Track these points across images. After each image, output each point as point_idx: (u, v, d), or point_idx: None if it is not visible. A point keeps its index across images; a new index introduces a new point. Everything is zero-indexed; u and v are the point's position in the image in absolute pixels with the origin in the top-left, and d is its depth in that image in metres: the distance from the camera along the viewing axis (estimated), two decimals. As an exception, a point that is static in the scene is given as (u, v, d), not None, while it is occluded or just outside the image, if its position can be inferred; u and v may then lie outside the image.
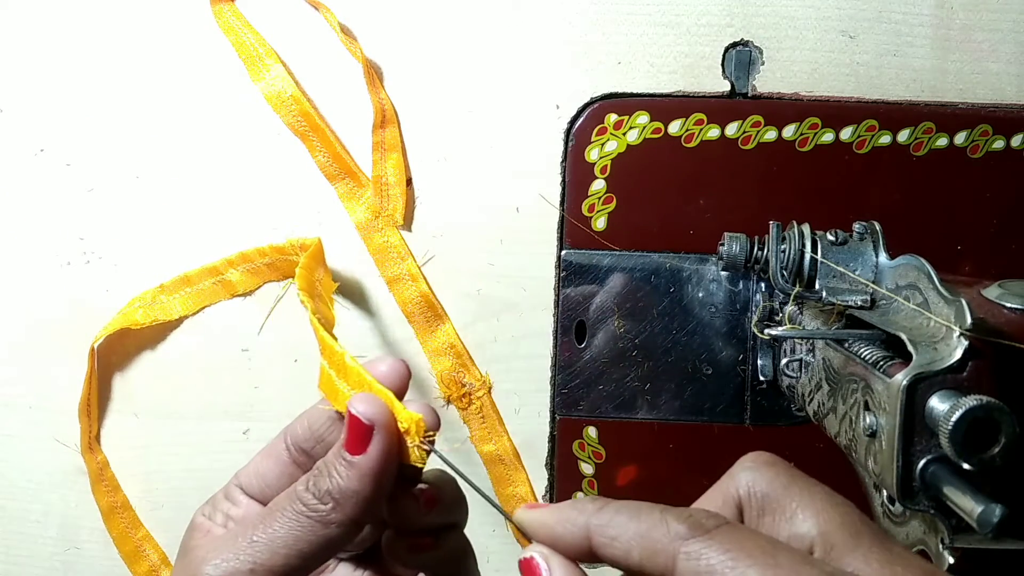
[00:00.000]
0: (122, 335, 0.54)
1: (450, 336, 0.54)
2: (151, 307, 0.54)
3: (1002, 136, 0.52)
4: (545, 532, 0.30)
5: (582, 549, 0.30)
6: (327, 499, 0.33)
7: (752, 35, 0.53)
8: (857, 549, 0.27)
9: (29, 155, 0.55)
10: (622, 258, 0.54)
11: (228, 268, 0.54)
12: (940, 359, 0.33)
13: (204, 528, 0.38)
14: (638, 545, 0.28)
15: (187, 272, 0.54)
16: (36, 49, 0.54)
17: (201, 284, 0.54)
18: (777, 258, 0.46)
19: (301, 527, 0.33)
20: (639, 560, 0.28)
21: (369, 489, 0.33)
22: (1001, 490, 0.31)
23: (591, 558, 0.30)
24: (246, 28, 0.53)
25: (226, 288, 0.54)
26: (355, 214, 0.54)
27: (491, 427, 0.54)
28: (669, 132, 0.53)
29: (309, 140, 0.53)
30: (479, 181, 0.54)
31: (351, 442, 0.33)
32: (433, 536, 0.37)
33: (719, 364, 0.53)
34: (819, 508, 0.28)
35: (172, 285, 0.54)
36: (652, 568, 0.27)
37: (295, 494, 0.34)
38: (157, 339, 0.54)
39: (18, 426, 0.56)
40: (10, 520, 0.56)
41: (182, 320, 0.54)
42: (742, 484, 0.30)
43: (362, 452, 0.33)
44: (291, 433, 0.38)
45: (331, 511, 0.33)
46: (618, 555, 0.28)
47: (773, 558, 0.25)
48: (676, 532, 0.27)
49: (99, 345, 0.54)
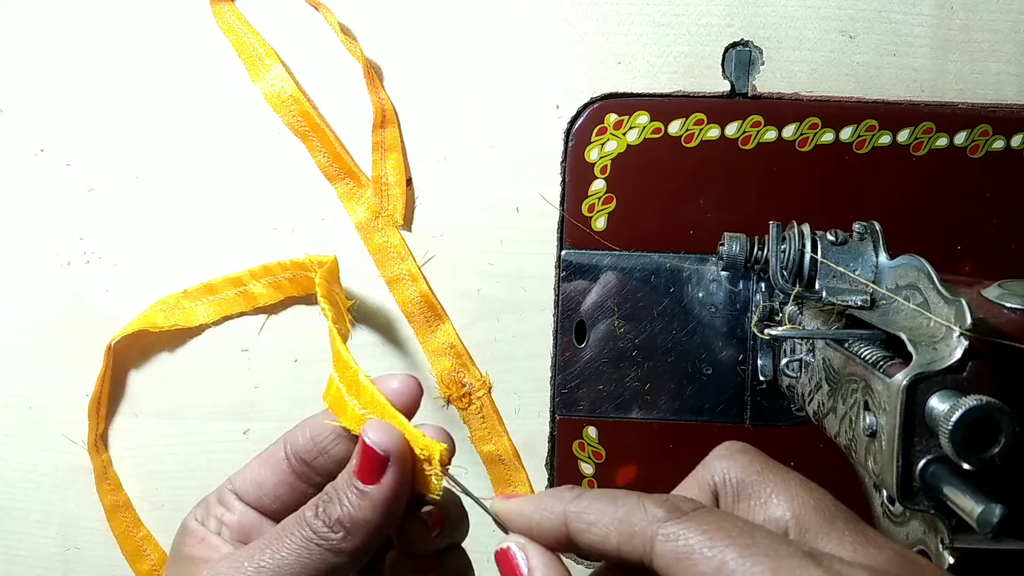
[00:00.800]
0: (123, 336, 0.54)
1: (450, 336, 0.54)
2: (172, 312, 0.54)
3: (1002, 136, 0.52)
4: (523, 521, 0.31)
5: (560, 537, 0.30)
6: (338, 528, 0.32)
7: (752, 35, 0.53)
8: (831, 532, 0.27)
9: (29, 155, 0.55)
10: (622, 258, 0.54)
11: (251, 280, 0.54)
12: (940, 359, 0.33)
13: (198, 535, 0.37)
14: (616, 530, 0.28)
15: (211, 280, 0.54)
16: (36, 49, 0.54)
17: (224, 294, 0.54)
18: (777, 258, 0.46)
19: (310, 554, 0.32)
20: (617, 544, 0.28)
21: (380, 519, 0.32)
22: (1001, 490, 0.31)
23: (568, 546, 0.30)
24: (246, 28, 0.53)
25: (248, 300, 0.54)
26: (355, 214, 0.54)
27: (491, 427, 0.54)
28: (669, 132, 0.53)
29: (309, 140, 0.53)
30: (479, 181, 0.54)
31: (364, 471, 0.32)
32: (438, 556, 0.36)
33: (719, 364, 0.53)
34: (793, 493, 0.29)
35: (195, 292, 0.54)
36: (630, 551, 0.27)
37: (304, 519, 0.33)
38: (157, 339, 0.54)
39: (18, 426, 0.56)
40: (10, 520, 0.56)
41: (202, 328, 0.54)
42: (717, 472, 0.30)
43: (375, 482, 0.32)
44: (291, 442, 0.37)
45: (342, 540, 0.32)
46: (595, 540, 0.28)
47: (751, 538, 0.26)
48: (654, 515, 0.27)
49: (99, 347, 0.54)
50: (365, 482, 0.32)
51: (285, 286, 0.53)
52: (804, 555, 0.25)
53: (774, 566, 0.24)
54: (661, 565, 0.27)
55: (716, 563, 0.25)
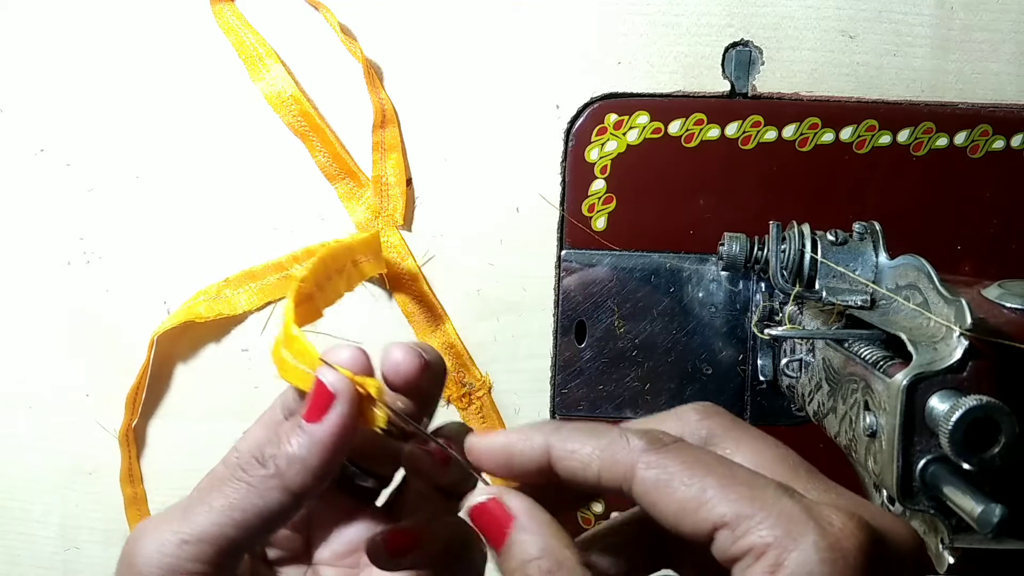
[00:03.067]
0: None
1: (450, 336, 0.54)
2: (215, 301, 0.54)
3: (1002, 136, 0.52)
4: (503, 452, 0.30)
5: (541, 465, 0.29)
6: (270, 464, 0.31)
7: (752, 35, 0.53)
8: (795, 481, 0.28)
9: (29, 155, 0.55)
10: (622, 258, 0.54)
11: (293, 263, 0.54)
12: (940, 359, 0.33)
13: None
14: (598, 457, 0.28)
15: (252, 267, 0.54)
16: (36, 49, 0.54)
17: (266, 279, 0.54)
18: (777, 258, 0.46)
19: (236, 493, 0.31)
20: (598, 471, 0.28)
21: (316, 459, 0.31)
22: (1001, 490, 0.31)
23: (548, 476, 0.29)
24: (246, 28, 0.53)
25: (290, 284, 0.54)
26: (355, 214, 0.54)
27: (491, 427, 0.54)
28: (669, 132, 0.53)
29: (309, 140, 0.53)
30: (479, 181, 0.54)
31: (311, 410, 0.32)
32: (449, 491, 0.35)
33: (719, 364, 0.53)
34: (758, 447, 0.30)
35: (237, 280, 0.54)
36: (610, 479, 0.28)
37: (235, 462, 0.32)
38: (158, 339, 0.54)
39: (18, 426, 0.56)
40: (10, 520, 0.56)
41: (246, 315, 0.54)
42: (687, 420, 0.31)
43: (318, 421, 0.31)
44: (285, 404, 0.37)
45: (271, 476, 0.31)
46: (576, 468, 0.29)
47: (729, 469, 0.27)
48: (635, 445, 0.28)
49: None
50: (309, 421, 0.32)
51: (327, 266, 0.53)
52: (779, 486, 0.26)
53: (750, 494, 0.26)
54: (640, 492, 0.27)
55: (695, 490, 0.26)
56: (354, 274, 0.47)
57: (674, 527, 0.27)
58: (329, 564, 0.36)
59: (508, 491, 0.30)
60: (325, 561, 0.36)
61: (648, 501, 0.27)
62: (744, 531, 0.25)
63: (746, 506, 0.25)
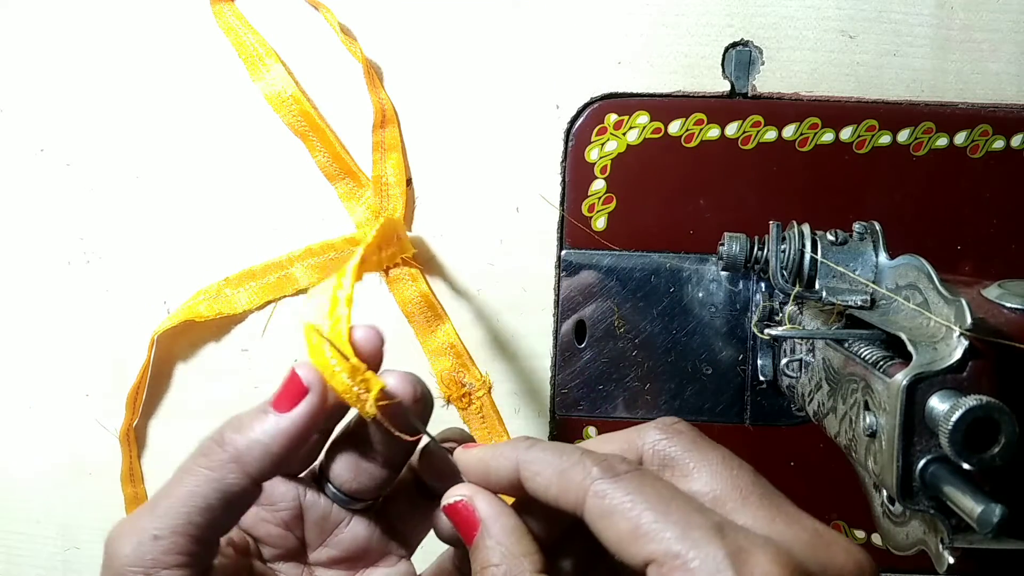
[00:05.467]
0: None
1: (450, 336, 0.54)
2: (216, 300, 0.54)
3: (1002, 136, 0.52)
4: (481, 467, 0.33)
5: (513, 482, 0.32)
6: (229, 447, 0.32)
7: (752, 35, 0.53)
8: (745, 507, 0.30)
9: (29, 155, 0.55)
10: (622, 258, 0.54)
11: (293, 263, 0.54)
12: (940, 359, 0.33)
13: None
14: (556, 482, 0.30)
15: (252, 267, 0.54)
16: (36, 49, 0.54)
17: (266, 279, 0.54)
18: (777, 258, 0.46)
19: (196, 479, 0.31)
20: (556, 495, 0.30)
21: (278, 446, 0.32)
22: (1001, 490, 0.31)
23: (521, 491, 0.31)
24: (246, 28, 0.53)
25: (290, 283, 0.54)
26: (355, 214, 0.54)
27: (491, 427, 0.54)
28: (669, 132, 0.53)
29: (309, 140, 0.53)
30: (479, 181, 0.54)
31: (280, 399, 0.32)
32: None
33: (719, 364, 0.53)
34: (714, 469, 0.31)
35: (237, 279, 0.54)
36: (566, 503, 0.30)
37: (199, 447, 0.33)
38: (158, 340, 0.54)
39: (18, 426, 0.56)
40: (10, 520, 0.56)
41: (246, 315, 0.54)
42: (648, 440, 0.32)
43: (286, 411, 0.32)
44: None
45: (229, 460, 0.31)
46: (539, 489, 0.31)
47: (668, 504, 0.28)
48: (590, 472, 0.29)
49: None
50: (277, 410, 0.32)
51: (329, 267, 0.53)
52: (712, 525, 0.27)
53: (682, 533, 0.27)
54: (589, 519, 0.29)
55: (632, 524, 0.28)
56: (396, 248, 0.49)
57: (617, 555, 0.28)
58: (325, 567, 0.37)
59: (479, 493, 0.32)
60: (322, 564, 0.37)
61: (595, 528, 0.29)
62: (669, 571, 0.27)
63: (675, 545, 0.27)
